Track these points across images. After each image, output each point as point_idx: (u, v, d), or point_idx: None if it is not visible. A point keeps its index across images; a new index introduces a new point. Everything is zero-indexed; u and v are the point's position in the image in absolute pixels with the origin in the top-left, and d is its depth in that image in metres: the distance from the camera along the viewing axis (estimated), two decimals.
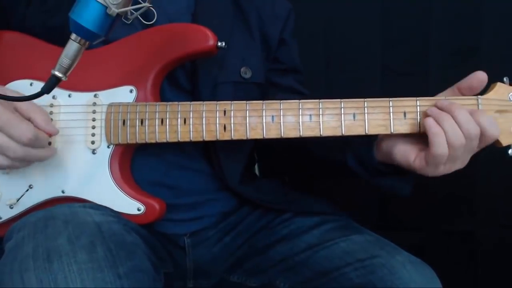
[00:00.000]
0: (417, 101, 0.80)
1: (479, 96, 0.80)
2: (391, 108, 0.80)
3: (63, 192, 0.85)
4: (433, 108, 0.79)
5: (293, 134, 0.82)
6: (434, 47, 1.49)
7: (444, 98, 0.80)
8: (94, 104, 0.86)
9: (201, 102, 0.84)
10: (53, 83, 0.71)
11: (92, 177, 0.85)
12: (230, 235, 0.99)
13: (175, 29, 0.89)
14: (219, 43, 0.85)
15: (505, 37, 1.45)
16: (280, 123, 0.82)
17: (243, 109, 0.83)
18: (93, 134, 0.85)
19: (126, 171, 0.87)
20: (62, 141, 0.85)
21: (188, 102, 0.84)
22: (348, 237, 0.89)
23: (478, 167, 1.48)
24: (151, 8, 0.74)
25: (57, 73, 0.70)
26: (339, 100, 0.81)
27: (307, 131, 0.81)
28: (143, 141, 0.84)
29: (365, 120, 0.80)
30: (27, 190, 0.85)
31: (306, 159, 0.99)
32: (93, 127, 0.85)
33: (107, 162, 0.85)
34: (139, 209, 0.84)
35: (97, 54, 0.87)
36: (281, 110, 0.82)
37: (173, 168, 0.93)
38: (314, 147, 0.94)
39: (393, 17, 1.51)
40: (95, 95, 0.86)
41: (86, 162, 0.85)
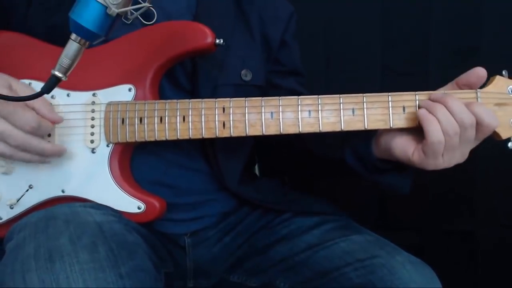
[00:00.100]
0: (416, 95, 0.80)
1: (478, 90, 0.80)
2: (390, 103, 0.80)
3: (63, 191, 0.84)
4: (426, 100, 0.79)
5: (292, 130, 0.82)
6: (434, 47, 1.49)
7: (443, 91, 0.80)
8: (93, 103, 0.86)
9: (200, 99, 0.84)
10: (53, 83, 0.71)
11: (92, 176, 0.85)
12: (230, 235, 0.99)
13: (173, 27, 0.88)
14: (217, 40, 0.85)
15: (505, 37, 1.45)
16: (279, 119, 0.82)
17: (242, 106, 0.83)
18: (92, 133, 0.85)
19: (125, 169, 0.87)
20: (61, 141, 0.85)
21: (187, 100, 0.83)
22: (348, 237, 0.89)
23: (478, 167, 1.49)
24: (151, 8, 0.74)
25: (57, 73, 0.70)
26: (338, 96, 0.81)
27: (306, 127, 0.81)
28: (143, 140, 0.84)
29: (364, 115, 0.80)
30: (27, 190, 0.84)
31: (305, 157, 0.99)
32: (92, 126, 0.85)
33: (107, 161, 0.85)
34: (139, 208, 0.84)
35: (95, 53, 0.87)
36: (280, 106, 0.82)
37: (173, 167, 0.93)
38: (313, 145, 0.94)
39: (393, 17, 1.51)
40: (93, 94, 0.86)
41: (86, 161, 0.85)
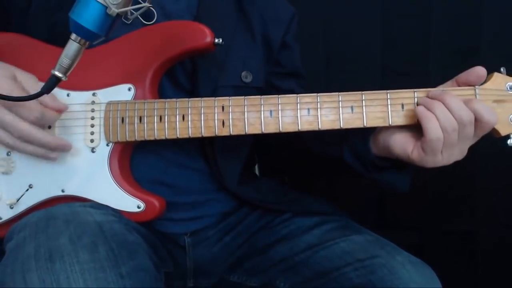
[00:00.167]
0: (415, 92, 0.80)
1: (476, 86, 0.80)
2: (388, 100, 0.80)
3: (62, 191, 0.84)
4: (424, 97, 0.79)
5: (291, 128, 0.82)
6: (434, 47, 1.49)
7: (441, 89, 0.80)
8: (93, 102, 0.86)
9: (199, 98, 0.84)
10: (53, 83, 0.71)
11: (92, 176, 0.85)
12: (230, 235, 0.99)
13: (172, 26, 0.89)
14: (216, 40, 0.85)
15: (505, 37, 1.45)
16: (279, 117, 0.82)
17: (241, 104, 0.83)
18: (92, 133, 0.85)
19: (125, 169, 0.87)
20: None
21: (186, 99, 0.84)
22: (348, 237, 0.89)
23: (478, 166, 1.49)
24: (151, 8, 0.74)
25: (57, 73, 0.70)
26: (336, 94, 0.81)
27: (305, 125, 0.81)
28: (142, 138, 0.84)
29: (363, 113, 0.81)
30: (27, 190, 0.84)
31: (304, 156, 0.99)
32: (92, 125, 0.85)
33: (107, 160, 0.85)
34: (139, 207, 0.84)
35: (95, 53, 0.87)
36: (279, 104, 0.82)
37: (172, 166, 0.93)
38: (312, 143, 0.94)
39: (393, 17, 1.51)
40: (93, 94, 0.86)
41: (86, 161, 0.85)
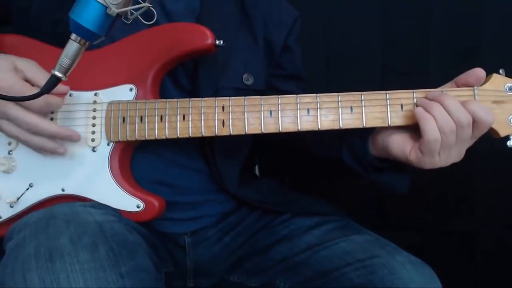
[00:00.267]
0: (414, 93, 0.81)
1: (475, 87, 0.80)
2: (388, 100, 0.81)
3: (63, 190, 0.84)
4: (423, 98, 0.79)
5: (291, 128, 0.82)
6: (434, 47, 1.49)
7: (440, 90, 0.81)
8: (95, 102, 0.86)
9: (199, 98, 0.84)
10: (53, 83, 0.71)
11: (92, 175, 0.85)
12: (230, 234, 0.99)
13: (173, 28, 0.89)
14: (217, 41, 0.86)
15: (505, 37, 1.45)
16: (278, 117, 0.82)
17: (241, 104, 0.83)
18: (93, 132, 0.85)
19: (125, 168, 0.87)
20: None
21: (187, 99, 0.84)
22: (348, 237, 0.89)
23: (477, 167, 1.49)
24: (151, 8, 0.74)
25: (57, 73, 0.70)
26: (336, 94, 0.82)
27: (305, 125, 0.82)
28: (143, 138, 0.84)
29: (362, 113, 0.81)
30: (27, 189, 0.84)
31: (304, 157, 1.00)
32: (93, 125, 0.85)
33: (107, 159, 0.85)
34: (138, 206, 0.84)
35: (97, 54, 0.87)
36: (279, 105, 0.82)
37: (172, 166, 0.93)
38: (311, 144, 0.94)
39: (393, 17, 1.51)
40: (95, 94, 0.86)
41: (86, 160, 0.85)
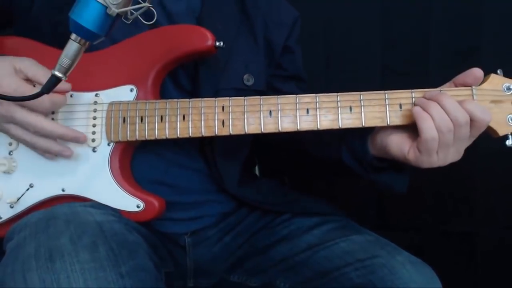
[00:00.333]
0: (412, 92, 0.81)
1: (473, 87, 0.80)
2: (386, 100, 0.81)
3: (63, 190, 0.85)
4: (421, 98, 0.80)
5: (291, 128, 0.82)
6: (434, 47, 1.49)
7: (438, 90, 0.81)
8: (95, 103, 0.86)
9: (199, 98, 0.84)
10: (53, 83, 0.71)
11: (92, 175, 0.85)
12: (230, 234, 0.99)
13: (174, 30, 0.90)
14: (217, 43, 0.86)
15: (505, 37, 1.45)
16: (278, 117, 0.82)
17: (241, 104, 0.83)
18: (93, 132, 0.85)
19: (126, 169, 0.88)
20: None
21: (187, 99, 0.84)
22: (348, 237, 0.89)
23: (477, 167, 1.49)
24: (151, 8, 0.74)
25: (57, 73, 0.70)
26: (335, 94, 0.82)
27: (304, 125, 0.82)
28: (143, 138, 0.84)
29: (361, 113, 0.81)
30: (27, 189, 0.85)
31: (303, 157, 1.00)
32: (94, 125, 0.86)
33: (107, 159, 0.85)
34: (138, 206, 0.84)
35: (98, 55, 0.88)
36: (279, 105, 0.83)
37: (173, 166, 0.93)
38: (310, 144, 0.94)
39: (393, 17, 1.51)
40: (96, 95, 0.87)
41: (87, 160, 0.85)
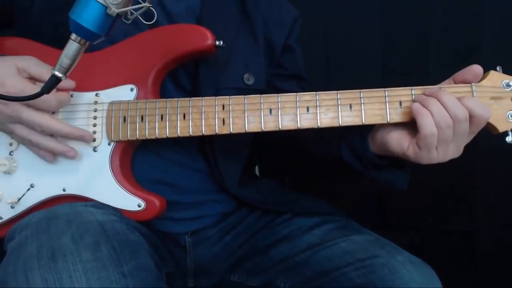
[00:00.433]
0: (412, 90, 0.81)
1: (473, 84, 0.81)
2: (386, 97, 0.81)
3: (64, 190, 0.85)
4: (421, 94, 0.80)
5: (291, 126, 0.82)
6: (434, 47, 1.49)
7: (438, 87, 0.81)
8: (96, 103, 0.86)
9: (200, 97, 0.84)
10: (53, 82, 0.72)
11: (93, 175, 0.85)
12: (231, 234, 0.99)
13: (174, 29, 0.90)
14: (217, 42, 0.86)
15: (505, 37, 1.45)
16: (278, 115, 0.82)
17: (241, 103, 0.83)
18: (94, 132, 0.85)
19: (126, 168, 0.88)
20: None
21: (187, 98, 0.84)
22: (349, 237, 0.89)
23: (477, 166, 1.49)
24: (151, 8, 0.74)
25: (57, 73, 0.71)
26: (335, 92, 0.82)
27: (304, 123, 0.82)
28: (143, 137, 0.84)
29: (361, 110, 0.81)
30: (28, 189, 0.85)
31: (304, 156, 1.00)
32: (94, 125, 0.86)
33: (108, 159, 0.85)
34: (139, 205, 0.84)
35: (98, 55, 0.88)
36: (279, 103, 0.83)
37: (173, 166, 0.93)
38: (311, 143, 0.94)
39: (393, 17, 1.51)
40: (96, 94, 0.87)
41: (87, 160, 0.85)
